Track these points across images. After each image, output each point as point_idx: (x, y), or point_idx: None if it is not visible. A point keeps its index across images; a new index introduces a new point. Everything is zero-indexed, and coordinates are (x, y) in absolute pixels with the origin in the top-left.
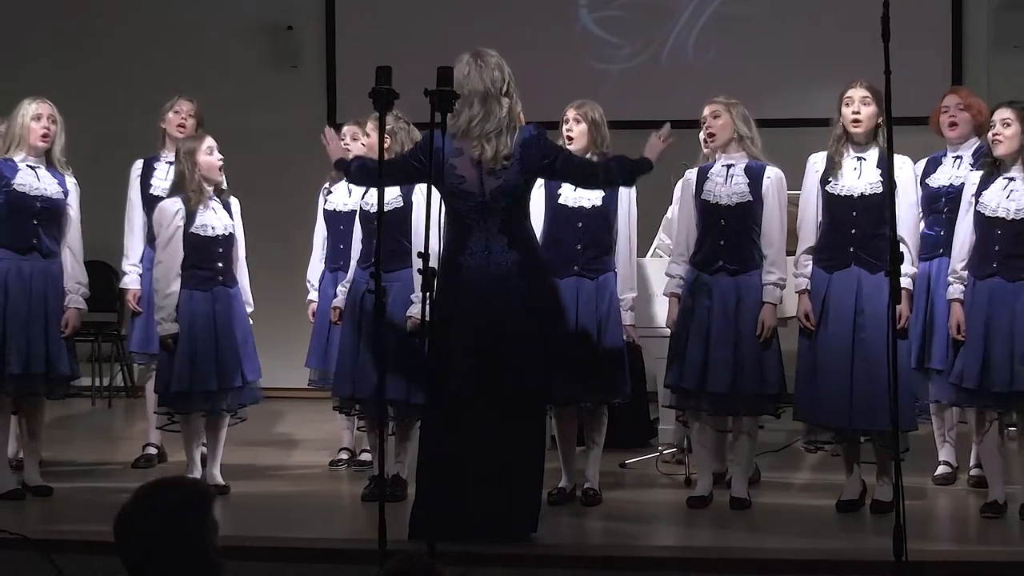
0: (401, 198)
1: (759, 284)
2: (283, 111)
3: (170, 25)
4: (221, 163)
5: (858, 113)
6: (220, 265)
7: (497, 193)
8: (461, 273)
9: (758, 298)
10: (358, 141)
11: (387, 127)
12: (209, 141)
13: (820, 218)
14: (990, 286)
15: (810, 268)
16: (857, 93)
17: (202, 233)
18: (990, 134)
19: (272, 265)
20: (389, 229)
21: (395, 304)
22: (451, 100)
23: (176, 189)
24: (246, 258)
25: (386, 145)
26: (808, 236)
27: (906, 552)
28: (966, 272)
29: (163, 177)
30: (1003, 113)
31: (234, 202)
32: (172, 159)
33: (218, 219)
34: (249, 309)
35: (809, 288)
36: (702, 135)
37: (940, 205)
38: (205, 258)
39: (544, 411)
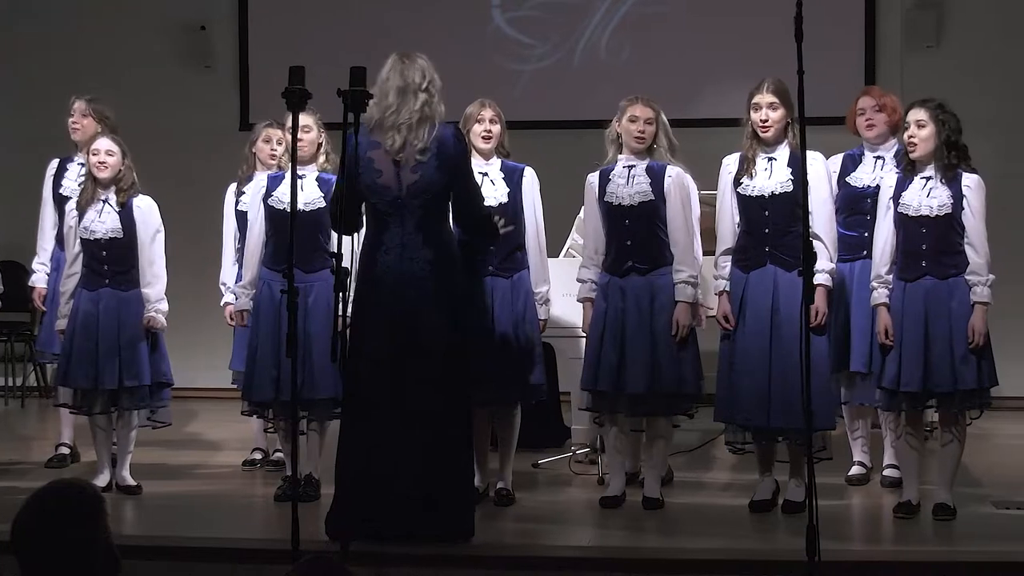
0: (322, 197)
1: (672, 283)
2: (196, 111)
3: (84, 24)
4: (104, 163)
5: (766, 120)
6: (106, 268)
7: (415, 189)
8: (376, 269)
9: (672, 297)
10: (278, 143)
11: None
12: (98, 142)
13: (737, 219)
14: (924, 287)
15: (728, 269)
16: (764, 99)
17: (84, 235)
18: (905, 136)
19: (182, 265)
20: (309, 229)
21: (318, 303)
22: (364, 100)
23: None
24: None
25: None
26: (725, 238)
27: (819, 552)
28: (891, 276)
29: (73, 178)
30: (917, 114)
31: (142, 203)
32: (84, 160)
33: (102, 222)
34: (163, 307)
35: (728, 289)
36: (624, 131)
37: (864, 206)
38: (91, 259)
39: (466, 412)
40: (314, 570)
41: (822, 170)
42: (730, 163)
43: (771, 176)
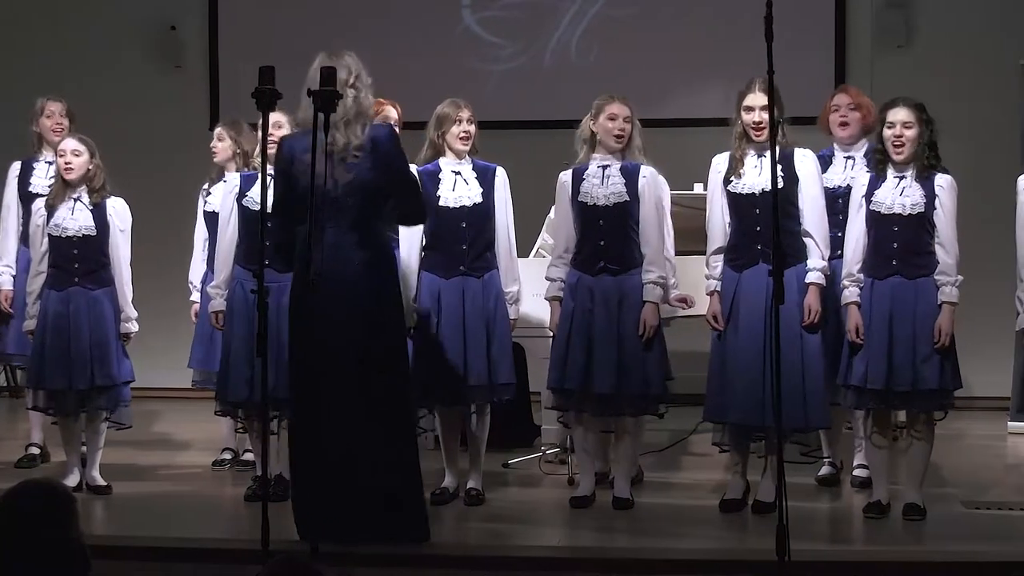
0: None
1: (641, 283)
2: (166, 111)
3: (53, 25)
4: (69, 164)
5: (760, 123)
6: (76, 266)
7: (349, 188)
8: (311, 269)
9: (640, 298)
10: (223, 142)
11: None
12: (64, 143)
13: (728, 219)
14: (891, 285)
15: (719, 269)
16: (757, 101)
17: (54, 233)
18: (889, 133)
19: (150, 264)
20: None
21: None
22: (334, 100)
23: None
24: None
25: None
26: (716, 237)
27: (789, 552)
28: (861, 275)
29: (43, 176)
30: (904, 114)
31: (116, 204)
32: (51, 159)
33: (74, 220)
34: (132, 315)
35: (719, 289)
36: (602, 129)
37: (836, 206)
38: (60, 258)
39: (408, 413)
40: (284, 570)
41: (813, 167)
42: (719, 163)
43: (761, 174)
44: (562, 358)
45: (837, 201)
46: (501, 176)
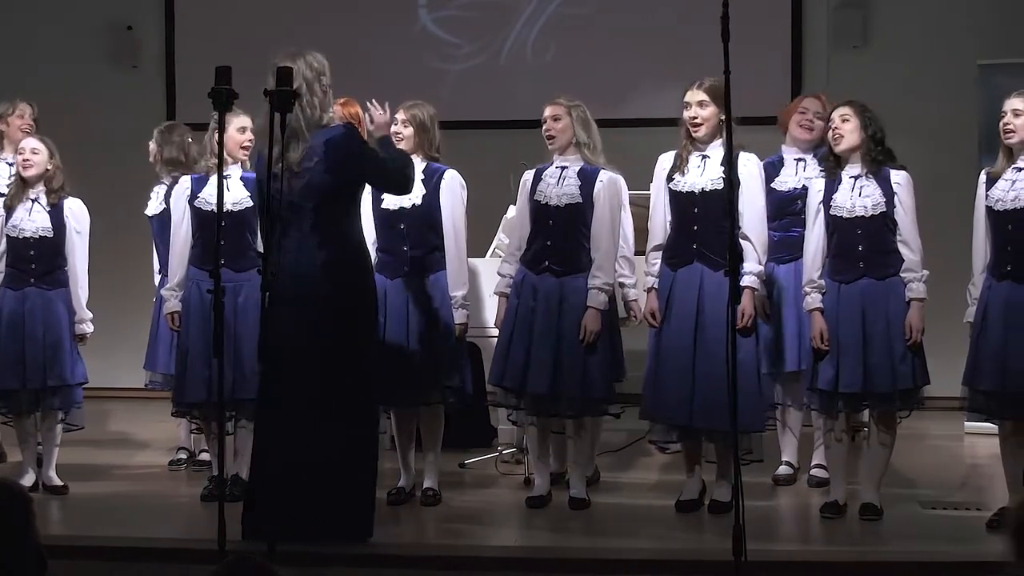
0: (249, 197)
1: (584, 287)
2: (122, 110)
3: (9, 24)
4: (28, 161)
5: (695, 117)
6: (33, 266)
7: (304, 191)
8: (278, 271)
9: (582, 301)
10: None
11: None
12: (24, 141)
13: (669, 216)
14: (861, 288)
15: (657, 266)
16: (693, 97)
17: (11, 234)
18: (830, 132)
19: (105, 263)
20: (237, 228)
21: (248, 303)
22: (291, 100)
23: None
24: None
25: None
26: (656, 234)
27: (745, 552)
28: (823, 280)
29: (6, 176)
30: (841, 110)
31: (73, 205)
32: (12, 160)
33: (31, 221)
34: (86, 316)
35: (656, 286)
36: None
37: (795, 207)
38: (17, 258)
39: (367, 414)
40: (237, 570)
41: (755, 171)
42: (665, 160)
43: (703, 173)
44: (503, 355)
45: (796, 202)
46: (448, 178)
